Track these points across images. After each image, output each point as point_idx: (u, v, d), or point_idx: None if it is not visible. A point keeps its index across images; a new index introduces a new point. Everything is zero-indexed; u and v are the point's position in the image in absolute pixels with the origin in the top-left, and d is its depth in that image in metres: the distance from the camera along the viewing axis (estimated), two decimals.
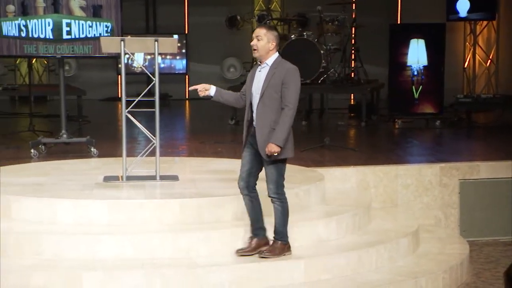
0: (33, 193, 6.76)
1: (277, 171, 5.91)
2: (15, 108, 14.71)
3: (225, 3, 16.29)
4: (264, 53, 5.87)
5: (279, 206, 5.99)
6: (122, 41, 7.08)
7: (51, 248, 6.06)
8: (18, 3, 8.63)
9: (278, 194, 5.96)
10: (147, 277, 5.80)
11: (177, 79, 16.19)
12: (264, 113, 5.84)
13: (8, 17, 8.65)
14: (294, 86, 5.81)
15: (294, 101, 5.81)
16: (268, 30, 5.89)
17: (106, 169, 7.81)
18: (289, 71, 5.84)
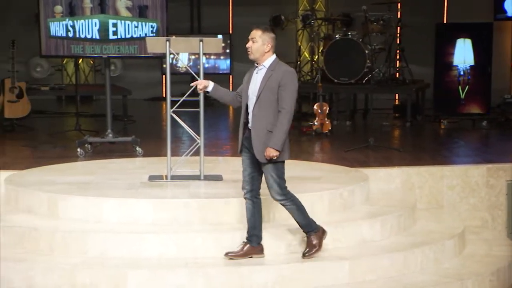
0: (79, 192, 6.83)
1: (276, 174, 5.84)
2: (61, 108, 14.89)
3: (269, 3, 16.28)
4: (259, 55, 5.80)
5: (291, 206, 5.92)
6: (168, 41, 7.12)
7: (97, 246, 6.12)
8: (65, 4, 8.74)
9: (283, 195, 5.88)
10: (190, 276, 5.82)
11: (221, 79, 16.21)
12: (260, 116, 5.77)
13: (56, 17, 8.76)
14: (290, 88, 5.72)
15: (290, 104, 5.73)
16: (263, 32, 5.80)
17: (151, 169, 7.86)
18: (286, 74, 5.75)
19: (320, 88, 11.36)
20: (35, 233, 6.25)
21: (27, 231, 6.28)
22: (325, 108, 11.13)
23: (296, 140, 10.70)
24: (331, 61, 12.56)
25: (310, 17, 14.83)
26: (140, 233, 6.22)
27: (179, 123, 7.34)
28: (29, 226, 6.34)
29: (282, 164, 5.88)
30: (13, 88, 11.10)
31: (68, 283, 5.83)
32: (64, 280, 5.84)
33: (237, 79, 16.34)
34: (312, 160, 9.03)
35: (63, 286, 5.82)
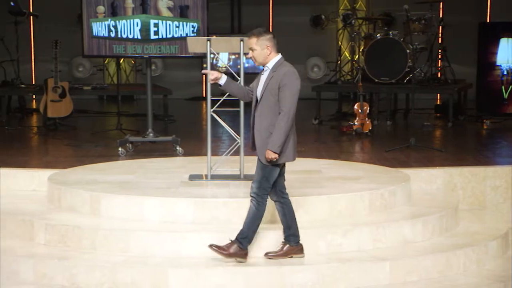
0: (120, 191, 6.89)
1: (263, 173, 5.79)
2: (103, 107, 15.02)
3: (309, 3, 16.23)
4: (263, 60, 5.79)
5: (253, 206, 5.85)
6: (208, 41, 7.14)
7: (138, 245, 6.16)
8: (108, 4, 8.82)
9: (256, 195, 5.81)
10: (231, 276, 5.83)
11: None
12: (262, 117, 5.75)
13: (98, 18, 8.85)
14: (290, 89, 5.68)
15: (289, 106, 5.67)
16: (258, 37, 5.77)
17: (191, 168, 7.89)
18: (285, 75, 5.71)
19: (361, 87, 11.30)
20: (78, 231, 6.31)
21: (70, 229, 6.35)
22: (366, 108, 11.07)
23: (336, 140, 10.66)
24: (372, 60, 12.47)
25: (350, 16, 14.75)
26: (180, 232, 6.25)
27: (219, 123, 7.35)
28: (72, 224, 6.41)
29: (274, 167, 5.80)
30: (56, 88, 11.23)
31: (109, 281, 5.87)
32: (106, 278, 5.89)
33: None
34: (352, 160, 8.98)
35: (105, 284, 5.88)
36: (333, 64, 14.93)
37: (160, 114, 12.49)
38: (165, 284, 5.82)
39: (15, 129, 11.49)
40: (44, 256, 6.14)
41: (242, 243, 5.89)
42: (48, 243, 6.40)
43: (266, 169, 5.79)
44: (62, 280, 5.95)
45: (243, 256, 5.91)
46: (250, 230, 5.89)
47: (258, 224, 5.90)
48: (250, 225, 5.88)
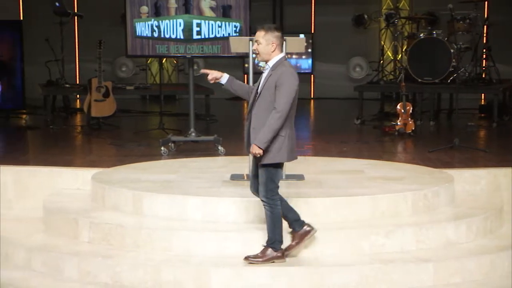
0: (163, 190, 6.93)
1: (267, 175, 5.76)
2: (146, 107, 15.13)
3: (352, 2, 16.16)
4: (266, 56, 5.78)
5: (268, 211, 5.83)
6: (251, 41, 7.14)
7: (180, 244, 6.19)
8: (151, 4, 8.88)
9: (266, 199, 5.78)
10: (273, 275, 5.83)
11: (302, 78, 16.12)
12: (259, 115, 5.74)
13: (142, 18, 8.91)
14: (285, 89, 5.64)
15: (284, 105, 5.63)
16: (266, 32, 5.76)
17: (233, 167, 7.90)
18: (283, 74, 5.68)
19: (403, 87, 11.21)
20: (121, 230, 6.37)
21: (113, 227, 6.41)
22: (409, 108, 10.98)
23: (378, 140, 10.59)
24: (415, 60, 12.37)
25: (393, 16, 14.64)
26: (222, 231, 6.26)
27: None
28: (115, 223, 6.47)
29: (275, 167, 5.78)
30: (99, 88, 11.34)
31: (152, 280, 5.92)
32: (148, 276, 5.93)
33: (318, 78, 16.30)
34: (395, 160, 8.92)
35: (148, 282, 5.92)
36: (375, 63, 14.84)
37: (202, 114, 12.54)
38: (207, 283, 5.85)
39: (59, 129, 11.64)
40: (88, 254, 6.20)
41: (274, 247, 5.88)
42: (92, 241, 6.47)
43: (269, 170, 5.77)
44: (106, 278, 6.01)
45: (281, 258, 5.89)
46: (275, 233, 5.87)
47: (280, 224, 5.87)
48: (272, 229, 5.85)
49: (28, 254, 6.39)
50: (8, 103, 12.41)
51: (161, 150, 9.19)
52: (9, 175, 8.04)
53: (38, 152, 9.99)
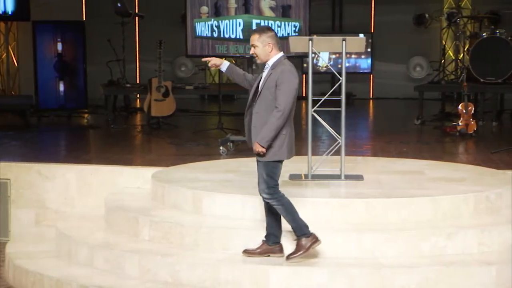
0: (222, 189, 6.96)
1: (266, 172, 5.81)
2: (204, 107, 15.22)
3: (413, 1, 15.98)
4: (265, 57, 5.84)
5: (277, 205, 5.85)
6: (310, 41, 7.12)
7: (239, 243, 6.20)
8: (211, 4, 8.93)
9: (269, 194, 5.83)
10: (331, 276, 5.81)
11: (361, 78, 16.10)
12: (260, 113, 5.80)
13: (202, 18, 8.98)
14: (285, 88, 5.71)
15: (285, 103, 5.70)
16: (260, 34, 5.84)
17: (291, 167, 7.84)
18: (283, 73, 5.74)
19: (465, 87, 11.04)
20: (181, 229, 6.42)
21: (173, 226, 6.46)
22: (470, 108, 10.81)
23: (439, 141, 10.46)
24: (477, 60, 12.17)
25: (455, 15, 14.43)
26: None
27: (319, 122, 7.33)
28: (175, 222, 6.52)
29: (275, 164, 5.84)
30: (159, 87, 11.45)
31: (211, 279, 5.95)
32: (207, 275, 5.96)
33: (378, 78, 16.16)
34: (456, 161, 8.79)
35: (206, 281, 5.95)
36: (436, 63, 14.65)
37: None
38: (265, 283, 5.85)
39: (120, 128, 11.79)
40: (148, 252, 6.27)
41: (305, 234, 5.88)
42: (152, 239, 6.53)
43: (269, 167, 5.83)
44: (165, 276, 6.07)
45: (315, 241, 5.89)
46: (296, 221, 5.90)
47: (295, 211, 5.91)
48: (292, 218, 5.89)
49: (91, 251, 6.49)
50: (70, 102, 12.65)
51: (220, 150, 9.24)
52: (72, 174, 8.20)
53: (99, 151, 10.15)
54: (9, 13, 13.91)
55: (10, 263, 6.87)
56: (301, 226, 5.90)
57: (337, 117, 7.32)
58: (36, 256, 6.86)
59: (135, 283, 6.05)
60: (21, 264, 6.66)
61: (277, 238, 6.05)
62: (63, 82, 12.47)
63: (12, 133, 11.24)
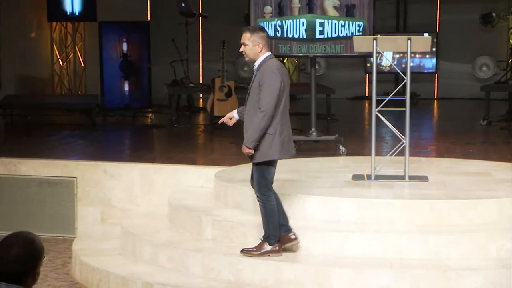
0: (283, 189, 6.94)
1: (258, 172, 5.88)
2: None
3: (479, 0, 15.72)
4: (254, 56, 5.88)
5: (261, 207, 5.95)
6: (375, 40, 7.06)
7: (301, 243, 6.19)
8: (275, 4, 8.94)
9: (260, 194, 5.91)
10: (395, 277, 5.76)
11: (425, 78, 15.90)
12: (249, 114, 5.86)
13: (265, 18, 8.99)
14: (267, 88, 5.72)
15: (267, 104, 5.71)
16: (252, 33, 5.86)
17: (354, 168, 7.84)
18: (264, 73, 5.76)
19: None
20: (243, 228, 6.45)
21: (235, 225, 6.50)
22: None
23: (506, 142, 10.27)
24: None
25: None
26: (344, 231, 6.24)
27: (382, 122, 7.27)
28: (237, 221, 6.56)
29: (266, 165, 5.88)
30: (222, 87, 11.51)
31: (273, 278, 5.96)
32: (270, 275, 5.98)
33: (443, 78, 15.93)
34: None
35: (268, 280, 5.97)
36: (503, 63, 14.38)
37: (322, 113, 12.50)
38: (327, 283, 5.83)
39: (183, 127, 11.90)
40: (211, 251, 6.32)
41: (269, 241, 5.98)
42: (215, 239, 6.58)
43: (260, 169, 5.89)
44: (228, 275, 6.10)
45: (277, 252, 6.00)
46: (269, 228, 5.98)
47: (274, 219, 5.97)
48: (266, 224, 5.99)
49: (155, 249, 6.57)
50: (135, 102, 12.82)
51: None
52: (137, 173, 8.31)
53: (163, 150, 10.26)
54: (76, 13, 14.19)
55: (76, 260, 7.02)
56: (269, 234, 6.01)
57: (401, 117, 7.25)
58: (102, 254, 6.98)
59: (199, 281, 6.10)
60: (88, 261, 6.79)
61: (287, 226, 6.10)
62: (128, 82, 12.65)
63: (78, 132, 11.46)
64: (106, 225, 8.09)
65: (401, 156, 7.24)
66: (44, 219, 8.45)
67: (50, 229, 8.34)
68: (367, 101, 15.21)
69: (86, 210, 8.42)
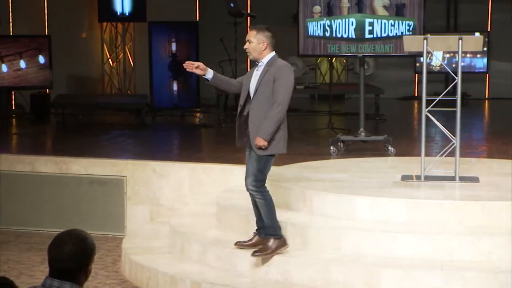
0: (332, 189, 6.93)
1: (258, 166, 5.92)
2: (314, 106, 15.21)
3: None
4: (257, 54, 5.97)
5: (260, 199, 5.95)
6: (425, 40, 6.99)
7: (350, 244, 6.17)
8: (324, 3, 8.91)
9: (256, 188, 5.93)
10: (446, 279, 5.69)
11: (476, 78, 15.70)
12: (258, 109, 5.89)
13: (314, 17, 8.96)
14: (284, 82, 5.85)
15: (283, 98, 5.84)
16: (257, 32, 5.97)
17: (403, 168, 7.78)
18: (281, 69, 5.88)
19: None
20: (291, 228, 6.43)
21: (283, 225, 6.46)
22: None
23: None
24: None
25: None
26: (393, 232, 6.18)
27: (432, 123, 7.19)
28: (285, 221, 6.52)
29: (269, 158, 5.96)
30: None
31: (322, 279, 5.94)
32: (318, 275, 5.96)
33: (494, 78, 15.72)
34: None
35: (317, 281, 5.95)
36: None
37: (371, 114, 12.43)
38: (377, 284, 5.79)
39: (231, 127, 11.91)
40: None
41: (276, 235, 6.03)
42: None
43: (262, 161, 5.92)
44: (276, 275, 6.10)
45: (283, 244, 6.05)
46: (273, 220, 6.01)
47: (274, 209, 6.02)
48: (270, 215, 6.00)
49: (203, 248, 6.60)
50: (184, 101, 12.90)
51: (330, 150, 9.20)
52: (185, 172, 8.36)
53: (211, 150, 10.31)
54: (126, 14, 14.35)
55: (126, 258, 7.09)
56: (275, 226, 6.04)
57: (451, 117, 7.16)
58: (151, 252, 7.04)
59: (246, 281, 6.11)
60: (137, 260, 6.85)
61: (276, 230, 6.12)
62: (176, 81, 12.73)
63: (128, 132, 11.58)
64: (155, 224, 8.16)
65: (451, 157, 7.16)
66: (94, 217, 8.55)
67: (100, 227, 8.44)
68: (416, 101, 15.08)
69: (136, 209, 8.50)
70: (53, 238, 3.29)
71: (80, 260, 3.24)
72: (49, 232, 8.37)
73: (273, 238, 6.05)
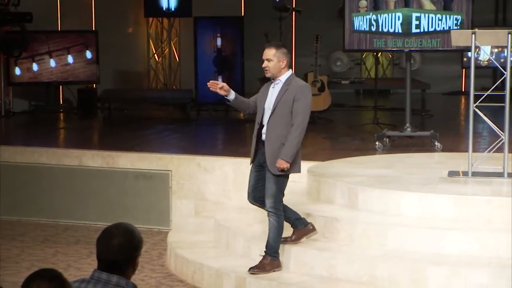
0: (378, 184, 6.89)
1: (277, 186, 5.90)
2: (359, 101, 15.13)
3: None
4: (276, 72, 5.94)
5: (274, 221, 5.94)
6: (473, 34, 6.90)
7: (396, 240, 6.13)
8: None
9: (275, 209, 5.92)
10: (493, 277, 5.63)
11: None
12: (275, 128, 5.87)
13: (360, 12, 8.91)
14: (304, 103, 5.86)
15: (303, 118, 5.85)
16: (277, 49, 5.93)
17: (450, 164, 7.70)
18: (301, 89, 5.88)
19: None
20: (336, 223, 6.42)
21: (328, 220, 6.47)
22: None
23: None
24: None
25: None
26: (440, 229, 6.13)
27: (479, 118, 7.09)
28: (330, 216, 6.53)
29: (285, 179, 5.95)
30: (315, 82, 11.48)
31: (367, 275, 5.91)
32: (364, 271, 5.93)
33: None
34: None
35: (363, 277, 5.92)
36: None
37: (417, 109, 12.30)
38: (424, 281, 5.75)
39: None
40: (304, 246, 6.29)
41: (274, 256, 6.05)
42: None
43: (279, 181, 5.90)
44: (321, 270, 6.09)
45: (279, 266, 6.09)
46: (277, 242, 6.02)
47: (282, 234, 6.05)
48: (276, 238, 6.01)
49: (247, 243, 6.62)
50: None
51: (375, 145, 9.15)
52: (229, 167, 8.39)
53: None
54: (172, 9, 14.43)
55: (171, 252, 7.14)
56: (276, 248, 6.05)
57: (499, 113, 7.06)
58: (196, 246, 7.08)
59: (291, 276, 6.11)
60: (182, 254, 6.90)
61: (300, 220, 6.19)
62: (221, 76, 12.76)
63: (173, 126, 11.66)
64: (199, 218, 8.20)
65: (499, 153, 7.06)
66: (139, 211, 8.63)
67: (146, 221, 8.51)
68: (463, 96, 14.89)
69: (181, 203, 8.56)
70: (102, 231, 3.32)
71: (128, 252, 3.27)
72: (95, 226, 8.48)
73: (271, 258, 6.08)
